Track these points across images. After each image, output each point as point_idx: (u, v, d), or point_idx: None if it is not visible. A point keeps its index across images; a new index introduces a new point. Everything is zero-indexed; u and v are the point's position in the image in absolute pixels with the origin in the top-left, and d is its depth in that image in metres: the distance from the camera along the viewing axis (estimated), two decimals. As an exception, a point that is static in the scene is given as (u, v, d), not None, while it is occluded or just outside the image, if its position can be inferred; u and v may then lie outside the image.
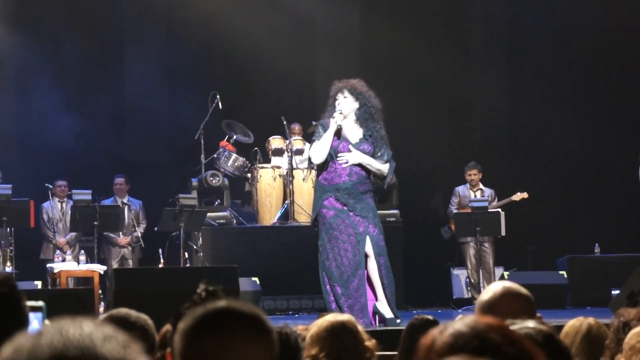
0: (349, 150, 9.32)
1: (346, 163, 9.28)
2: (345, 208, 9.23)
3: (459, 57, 15.68)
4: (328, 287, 9.22)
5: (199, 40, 14.87)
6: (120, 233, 13.48)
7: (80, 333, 1.32)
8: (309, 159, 9.33)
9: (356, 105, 9.40)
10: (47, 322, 3.23)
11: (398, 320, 9.13)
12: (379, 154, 9.38)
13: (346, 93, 9.38)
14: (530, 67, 15.80)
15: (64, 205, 13.52)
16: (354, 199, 9.24)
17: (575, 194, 15.32)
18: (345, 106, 9.35)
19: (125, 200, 13.63)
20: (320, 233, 9.34)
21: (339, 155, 9.29)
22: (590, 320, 4.14)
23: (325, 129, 9.35)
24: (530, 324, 2.54)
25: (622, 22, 15.26)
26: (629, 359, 3.13)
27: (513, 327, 2.25)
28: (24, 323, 2.46)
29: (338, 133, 9.33)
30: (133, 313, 3.64)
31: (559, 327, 4.19)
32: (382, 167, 9.41)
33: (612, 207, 15.06)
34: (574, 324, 4.13)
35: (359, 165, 9.32)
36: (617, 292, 9.88)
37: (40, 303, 2.71)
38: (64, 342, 1.30)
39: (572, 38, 15.51)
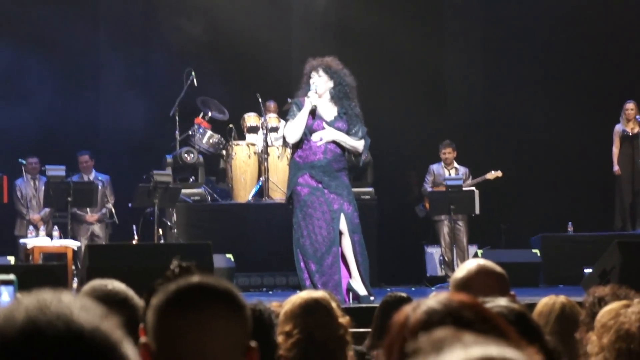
0: (324, 128, 9.31)
1: (320, 140, 9.28)
2: (320, 185, 9.23)
3: (434, 36, 15.68)
4: (302, 264, 9.23)
5: (175, 17, 14.78)
6: (89, 210, 13.41)
7: (58, 301, 1.33)
8: (284, 138, 9.31)
9: (330, 84, 9.39)
10: (18, 295, 3.22)
11: (372, 298, 9.16)
12: (353, 131, 9.38)
13: (320, 72, 9.36)
14: (506, 47, 15.81)
15: (36, 181, 13.46)
16: (328, 177, 9.24)
17: (548, 173, 15.38)
18: (320, 85, 9.34)
19: (91, 177, 13.55)
20: (294, 210, 9.35)
21: (312, 135, 9.29)
22: (562, 298, 4.16)
23: (299, 107, 9.34)
24: (502, 302, 2.55)
25: (597, 4, 15.29)
26: (601, 337, 3.15)
27: (485, 305, 2.25)
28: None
29: (312, 112, 9.32)
30: (116, 285, 3.60)
31: (532, 305, 4.21)
32: (356, 143, 9.41)
33: (585, 187, 15.13)
34: (547, 303, 4.15)
35: (334, 142, 9.32)
36: (590, 270, 9.94)
37: (11, 276, 2.71)
38: (41, 307, 1.31)
39: (547, 19, 15.53)
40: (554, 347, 2.70)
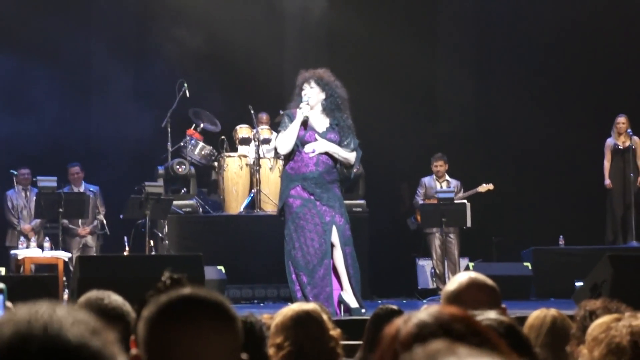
0: (316, 140, 9.32)
1: (313, 152, 9.28)
2: (312, 197, 9.23)
3: (426, 48, 15.70)
4: (294, 276, 9.22)
5: (169, 29, 14.78)
6: (80, 222, 13.39)
7: (50, 314, 1.33)
8: (275, 149, 9.32)
9: (322, 95, 9.40)
10: (8, 304, 3.21)
11: (363, 310, 9.15)
12: (345, 143, 9.39)
13: (312, 83, 9.38)
14: (498, 59, 15.85)
15: (27, 192, 13.44)
16: (320, 189, 9.24)
17: (540, 186, 15.40)
18: (312, 96, 9.35)
19: (82, 189, 13.53)
20: (286, 222, 9.34)
21: (304, 147, 9.29)
22: (553, 311, 4.16)
23: (291, 119, 9.34)
24: (492, 315, 2.55)
25: (590, 14, 15.34)
26: (592, 350, 3.15)
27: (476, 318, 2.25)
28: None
29: (304, 123, 9.33)
30: (112, 300, 3.58)
31: (523, 319, 4.21)
32: (348, 155, 9.41)
33: (576, 200, 15.15)
34: (538, 316, 4.15)
35: (326, 154, 9.32)
36: (581, 283, 9.94)
37: (1, 285, 2.70)
38: (30, 320, 1.31)
39: (540, 30, 15.57)
40: (543, 359, 2.70)
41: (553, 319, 4.12)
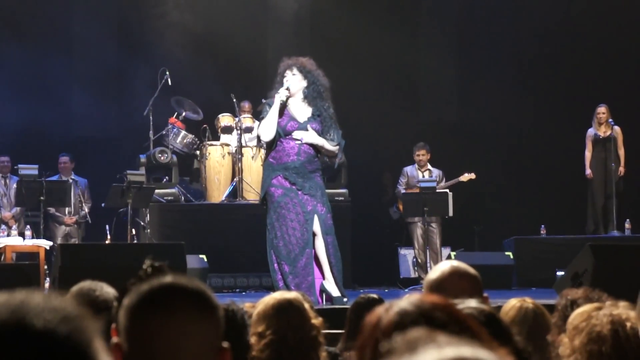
0: (297, 129, 9.31)
1: (300, 141, 9.28)
2: (293, 187, 9.23)
3: (408, 37, 15.70)
4: (276, 265, 9.22)
5: (151, 16, 14.74)
6: (67, 211, 13.36)
7: (23, 300, 1.31)
8: (258, 137, 9.31)
9: (304, 83, 9.40)
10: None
11: (345, 299, 9.16)
12: (329, 136, 9.40)
13: (295, 70, 9.38)
14: (480, 49, 15.87)
15: (7, 180, 13.38)
16: (302, 178, 9.25)
17: (521, 176, 15.45)
18: (293, 83, 9.34)
19: (71, 179, 13.50)
20: (268, 211, 9.34)
21: (293, 133, 9.28)
22: (529, 303, 4.12)
23: (271, 106, 9.34)
24: (472, 303, 2.56)
25: (572, 3, 15.38)
26: (572, 339, 3.16)
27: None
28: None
29: (283, 108, 9.32)
30: (104, 292, 3.57)
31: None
32: (334, 149, 9.44)
33: (558, 190, 15.20)
34: (515, 306, 4.12)
35: (308, 144, 9.32)
36: (562, 273, 9.99)
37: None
38: (1, 305, 1.30)
39: (521, 21, 15.60)
40: (524, 347, 2.71)
41: (531, 311, 4.10)
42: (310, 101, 9.41)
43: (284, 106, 9.31)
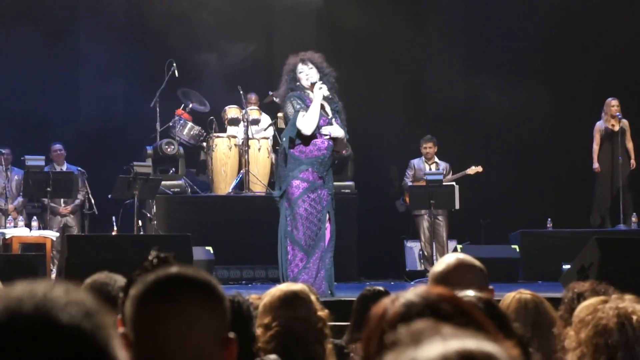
0: (329, 124, 9.36)
1: (329, 135, 9.32)
2: (320, 181, 9.26)
3: (416, 29, 15.68)
4: (290, 255, 9.19)
5: (157, 8, 14.72)
6: (62, 201, 13.34)
7: (44, 293, 1.31)
8: (299, 131, 9.24)
9: (318, 77, 9.41)
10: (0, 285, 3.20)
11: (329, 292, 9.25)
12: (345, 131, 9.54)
13: (310, 64, 9.38)
14: (487, 43, 15.84)
15: (8, 172, 13.37)
16: (327, 172, 9.34)
17: (528, 169, 15.42)
18: (313, 77, 9.35)
19: (64, 168, 13.47)
20: (289, 204, 9.26)
21: (322, 128, 9.31)
22: (526, 294, 4.10)
23: (302, 100, 9.27)
24: (470, 292, 2.56)
25: (580, 0, 15.37)
26: (578, 332, 3.16)
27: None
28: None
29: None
30: (118, 285, 3.56)
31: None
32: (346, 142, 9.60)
33: (564, 183, 15.18)
34: (514, 298, 4.11)
35: (331, 138, 9.40)
36: (568, 266, 9.97)
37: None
38: (23, 298, 1.29)
39: (529, 15, 15.56)
40: (522, 334, 2.71)
41: (534, 303, 4.09)
42: (327, 96, 9.42)
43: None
